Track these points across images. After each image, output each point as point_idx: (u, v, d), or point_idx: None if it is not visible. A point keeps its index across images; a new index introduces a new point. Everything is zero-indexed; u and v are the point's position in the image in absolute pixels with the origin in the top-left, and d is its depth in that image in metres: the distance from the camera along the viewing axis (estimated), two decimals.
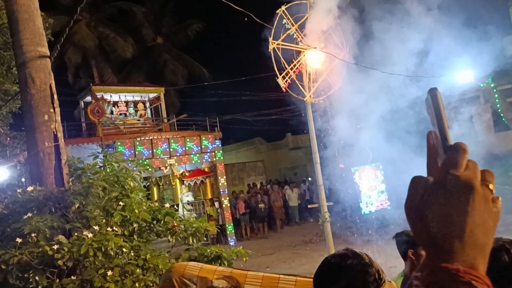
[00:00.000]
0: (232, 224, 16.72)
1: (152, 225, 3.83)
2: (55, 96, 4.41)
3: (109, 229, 3.44)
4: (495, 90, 13.13)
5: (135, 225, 3.61)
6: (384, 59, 10.75)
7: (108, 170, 4.58)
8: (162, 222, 3.79)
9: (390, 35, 10.69)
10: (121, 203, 3.62)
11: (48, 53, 4.57)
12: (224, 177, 16.89)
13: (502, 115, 12.82)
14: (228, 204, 16.93)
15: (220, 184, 16.71)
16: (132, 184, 3.88)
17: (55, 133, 4.26)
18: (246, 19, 7.66)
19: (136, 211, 3.57)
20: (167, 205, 3.97)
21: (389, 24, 11.00)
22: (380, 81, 10.98)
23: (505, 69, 14.11)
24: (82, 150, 14.72)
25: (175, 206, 18.72)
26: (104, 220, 3.57)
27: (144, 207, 3.79)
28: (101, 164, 4.89)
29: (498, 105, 12.93)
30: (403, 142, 12.41)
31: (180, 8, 27.66)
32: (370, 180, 14.95)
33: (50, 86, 4.39)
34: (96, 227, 3.34)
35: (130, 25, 25.82)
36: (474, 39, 13.00)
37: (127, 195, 3.76)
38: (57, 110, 4.38)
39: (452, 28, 13.97)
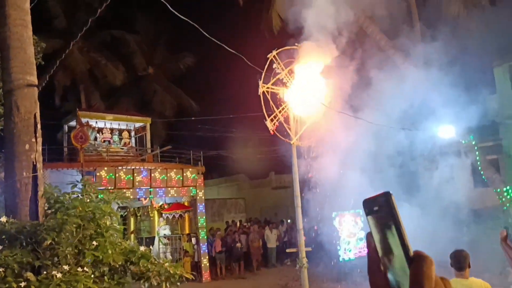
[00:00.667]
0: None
1: (125, 267, 3.71)
2: (39, 126, 4.34)
3: (79, 269, 3.31)
4: (476, 147, 13.40)
5: (106, 267, 3.49)
6: (371, 108, 10.96)
7: (86, 200, 4.48)
8: (136, 265, 3.68)
9: (379, 86, 10.97)
10: (94, 242, 3.51)
11: (36, 82, 4.53)
12: (204, 217, 16.66)
13: (481, 172, 13.04)
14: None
15: (200, 224, 16.45)
16: (108, 222, 3.78)
17: (35, 163, 4.16)
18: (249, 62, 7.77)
19: (110, 252, 3.46)
20: (142, 248, 3.86)
21: (378, 76, 11.31)
22: (365, 130, 11.15)
23: (487, 127, 14.49)
24: (61, 175, 14.46)
25: (147, 242, 18.33)
26: (75, 259, 3.45)
27: (118, 248, 3.68)
28: (79, 194, 4.78)
29: (478, 162, 13.16)
30: (384, 189, 12.48)
31: (173, 40, 27.99)
32: (349, 227, 14.92)
33: (35, 115, 4.33)
34: (66, 267, 3.22)
35: (123, 53, 26.00)
36: (458, 96, 13.38)
37: (101, 233, 3.65)
38: (39, 140, 4.31)
39: (438, 84, 14.39)
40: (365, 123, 10.42)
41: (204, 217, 16.65)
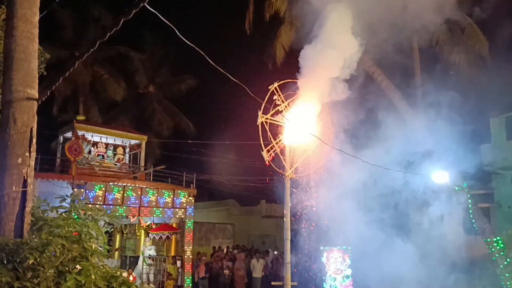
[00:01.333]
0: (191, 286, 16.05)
1: None
2: (34, 140, 4.31)
3: None
4: (468, 195, 13.42)
5: None
6: (368, 149, 11.02)
7: (73, 216, 4.42)
8: None
9: (378, 128, 11.07)
10: (78, 266, 3.43)
11: (36, 96, 4.53)
12: (191, 242, 16.46)
13: (473, 220, 13.02)
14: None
15: (186, 242, 16.21)
16: (94, 245, 3.71)
17: (26, 178, 4.11)
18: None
19: (93, 277, 3.39)
20: (125, 274, 3.78)
21: (378, 117, 11.42)
22: (361, 168, 11.16)
23: (480, 176, 14.55)
24: (52, 185, 14.31)
25: (131, 261, 18.00)
26: (56, 282, 3.36)
27: (100, 272, 3.60)
28: (66, 209, 4.71)
29: (470, 210, 13.16)
30: (374, 230, 12.43)
31: (178, 62, 28.23)
32: (337, 263, 14.72)
33: (31, 129, 4.30)
34: None
35: (126, 69, 26.17)
36: (454, 143, 13.49)
37: (86, 257, 3.58)
38: (33, 154, 4.27)
39: (435, 129, 14.53)
40: (360, 161, 10.43)
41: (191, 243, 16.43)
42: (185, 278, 15.84)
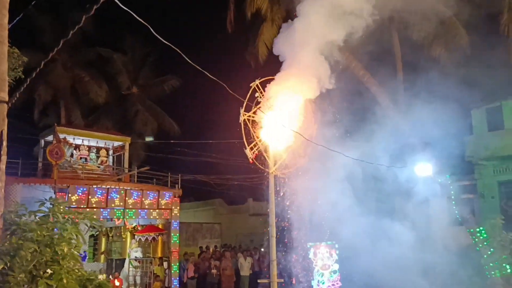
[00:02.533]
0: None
1: None
2: (5, 143, 4.20)
3: None
4: (451, 187, 13.57)
5: None
6: (351, 143, 11.04)
7: (52, 220, 4.32)
8: None
9: (360, 121, 11.10)
10: (49, 270, 3.35)
11: (6, 98, 4.42)
12: (178, 236, 16.32)
13: (456, 211, 13.17)
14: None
15: (172, 243, 16.10)
16: (66, 249, 3.63)
17: None
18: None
19: (65, 281, 3.31)
20: (101, 276, 3.71)
21: (359, 111, 11.46)
22: (345, 163, 11.19)
23: (463, 167, 14.71)
24: (34, 190, 14.07)
25: (117, 263, 17.82)
26: (28, 287, 3.28)
27: (75, 275, 3.52)
28: (46, 213, 4.61)
29: (453, 201, 13.31)
30: (361, 224, 12.48)
31: (160, 62, 28.03)
32: (324, 258, 14.76)
33: (1, 132, 4.19)
34: None
35: (107, 71, 25.87)
36: (437, 135, 13.62)
37: (58, 261, 3.49)
38: (4, 158, 4.16)
39: (417, 122, 14.65)
40: (344, 158, 10.45)
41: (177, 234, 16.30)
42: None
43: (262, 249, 19.91)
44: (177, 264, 16.32)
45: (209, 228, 24.21)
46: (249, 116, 9.83)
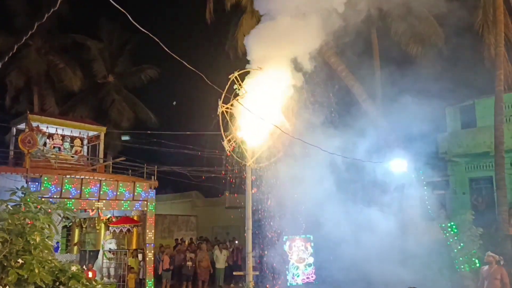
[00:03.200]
0: (153, 280, 15.83)
1: (54, 287, 3.46)
2: None
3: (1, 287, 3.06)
4: (424, 182, 13.84)
5: (31, 286, 3.24)
6: (328, 138, 11.12)
7: (22, 210, 4.21)
8: (65, 286, 3.44)
9: (337, 117, 11.18)
10: (20, 260, 3.26)
11: None
12: (153, 231, 16.15)
13: (428, 207, 13.45)
14: (152, 258, 16.09)
15: (148, 237, 15.93)
16: (38, 238, 3.54)
17: None
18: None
19: (36, 271, 3.23)
20: (74, 267, 3.64)
21: (337, 109, 11.54)
22: (321, 157, 11.27)
23: (435, 164, 15.03)
24: (5, 179, 13.70)
25: (91, 255, 17.57)
26: None
27: (48, 266, 3.44)
28: (17, 202, 4.49)
29: (426, 197, 13.59)
30: (336, 218, 12.63)
31: (137, 51, 27.51)
32: (299, 252, 14.91)
33: None
34: None
35: (83, 59, 25.26)
36: (412, 132, 13.85)
37: (29, 250, 3.40)
38: None
39: (393, 118, 14.85)
40: (321, 151, 10.52)
41: (152, 230, 16.13)
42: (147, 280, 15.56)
43: (237, 242, 19.95)
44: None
45: (185, 221, 24.09)
46: (227, 108, 9.79)
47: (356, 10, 11.33)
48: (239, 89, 9.54)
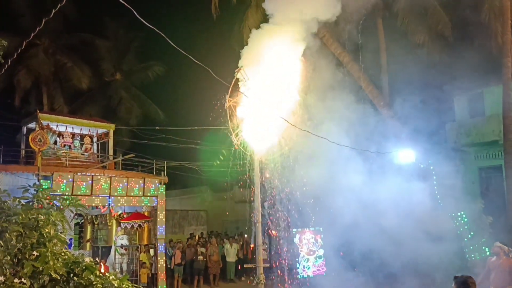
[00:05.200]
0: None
1: (68, 279, 3.55)
2: None
3: (16, 280, 3.15)
4: (433, 172, 13.80)
5: (46, 277, 3.33)
6: (336, 130, 11.13)
7: (36, 206, 4.31)
8: (79, 277, 3.53)
9: (343, 109, 11.17)
10: (35, 252, 3.35)
11: None
12: (164, 223, 16.31)
13: (438, 196, 13.42)
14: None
15: (158, 232, 16.10)
16: (52, 231, 3.63)
17: None
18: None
19: (51, 263, 3.32)
20: (87, 258, 3.73)
21: (343, 98, 11.53)
22: (330, 150, 11.28)
23: (445, 154, 14.96)
24: (17, 178, 13.91)
25: (103, 251, 17.80)
26: (13, 270, 3.28)
27: (61, 258, 3.53)
28: (30, 199, 4.59)
29: (435, 187, 13.55)
30: (346, 211, 12.66)
31: (144, 48, 27.68)
32: (309, 244, 14.99)
33: None
34: (2, 278, 3.05)
35: (90, 57, 25.49)
36: (420, 122, 13.80)
37: (44, 243, 3.50)
38: None
39: (399, 108, 14.79)
40: (327, 143, 10.52)
41: (163, 225, 16.29)
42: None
43: (246, 235, 20.05)
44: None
45: (195, 216, 24.26)
46: (235, 102, 9.81)
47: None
48: (244, 83, 9.55)
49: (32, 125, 16.11)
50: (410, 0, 16.81)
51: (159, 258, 15.76)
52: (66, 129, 16.60)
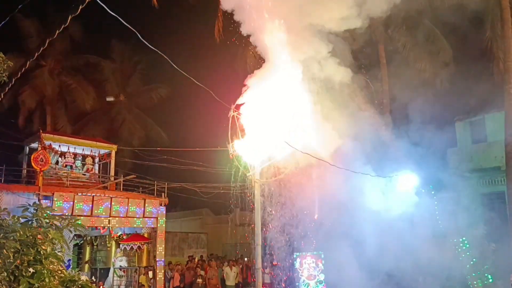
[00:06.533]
0: None
1: None
2: None
3: None
4: (434, 197, 13.73)
5: None
6: (337, 153, 11.14)
7: (34, 225, 4.31)
8: None
9: (343, 130, 11.22)
10: (31, 269, 3.35)
11: None
12: (163, 245, 16.19)
13: (439, 221, 13.33)
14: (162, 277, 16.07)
15: (158, 252, 15.97)
16: (49, 249, 3.62)
17: None
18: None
19: (47, 280, 3.30)
20: (83, 277, 3.71)
21: (343, 119, 11.59)
22: (331, 173, 11.27)
23: (446, 179, 14.92)
24: (17, 197, 13.91)
25: (101, 273, 17.63)
26: (10, 286, 3.26)
27: (58, 276, 3.52)
28: (29, 218, 4.59)
29: (436, 212, 13.47)
30: (347, 236, 12.56)
31: (149, 71, 27.95)
32: (310, 268, 14.81)
33: None
34: None
35: (95, 78, 25.79)
36: (421, 147, 13.81)
37: (40, 260, 3.49)
38: None
39: (402, 133, 14.82)
40: (328, 166, 10.54)
41: (163, 245, 16.15)
42: None
43: (246, 259, 19.84)
44: None
45: (195, 238, 24.07)
46: (238, 113, 9.81)
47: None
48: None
49: (34, 145, 16.19)
50: (411, 27, 17.07)
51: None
52: (68, 149, 16.67)
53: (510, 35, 15.18)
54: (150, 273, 16.41)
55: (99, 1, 4.70)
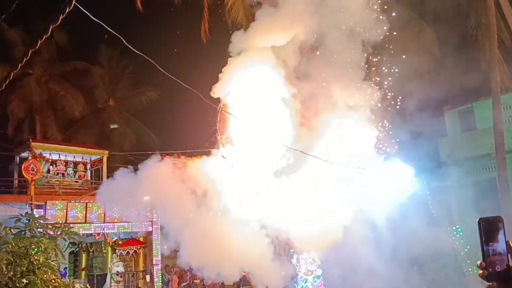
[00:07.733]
0: None
1: None
2: None
3: None
4: (427, 187, 13.82)
5: None
6: (327, 148, 11.15)
7: (27, 235, 4.31)
8: None
9: (331, 124, 11.21)
10: (24, 280, 3.34)
11: None
12: (159, 247, 16.17)
13: (432, 211, 13.43)
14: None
15: (154, 258, 15.95)
16: (42, 259, 3.62)
17: None
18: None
19: None
20: (78, 285, 3.71)
21: (329, 113, 11.58)
22: (322, 170, 11.28)
23: (437, 169, 15.03)
24: (9, 208, 13.82)
25: (98, 279, 17.56)
26: None
27: (52, 285, 3.51)
28: (22, 228, 4.59)
29: (429, 202, 13.57)
30: (340, 226, 12.57)
31: (137, 74, 27.83)
32: (307, 264, 14.86)
33: None
34: None
35: (84, 85, 25.67)
36: (411, 137, 13.86)
37: (33, 270, 3.49)
38: None
39: (391, 124, 14.86)
40: (320, 162, 10.53)
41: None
42: None
43: None
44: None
45: None
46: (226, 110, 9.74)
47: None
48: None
49: (25, 154, 16.10)
50: (396, 19, 17.07)
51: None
52: (59, 157, 16.59)
53: (494, 23, 15.31)
54: (147, 277, 16.39)
55: (82, 8, 4.69)
